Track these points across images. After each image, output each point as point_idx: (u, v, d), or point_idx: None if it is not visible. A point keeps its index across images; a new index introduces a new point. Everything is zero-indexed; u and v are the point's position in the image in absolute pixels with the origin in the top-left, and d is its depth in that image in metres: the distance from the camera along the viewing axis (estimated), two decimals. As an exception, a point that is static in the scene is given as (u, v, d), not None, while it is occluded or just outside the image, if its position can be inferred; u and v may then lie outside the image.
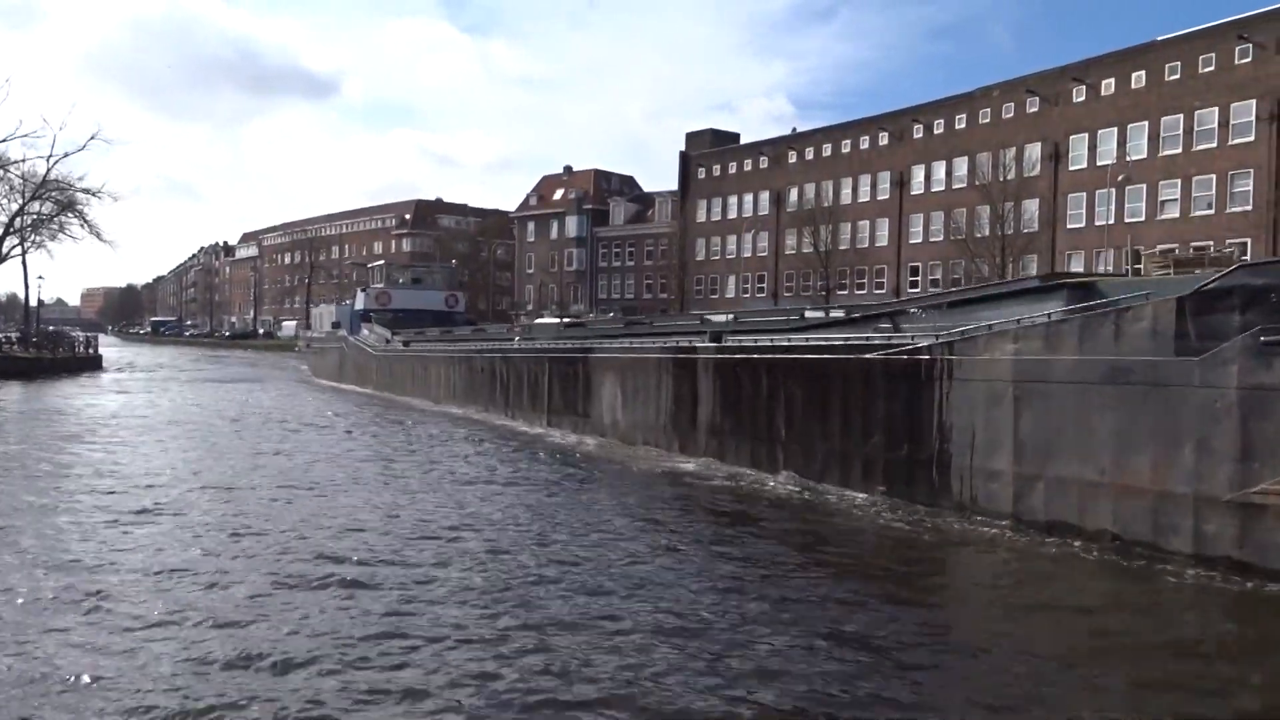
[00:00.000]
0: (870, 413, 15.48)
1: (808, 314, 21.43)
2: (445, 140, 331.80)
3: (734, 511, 14.95)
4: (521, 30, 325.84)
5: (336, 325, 52.28)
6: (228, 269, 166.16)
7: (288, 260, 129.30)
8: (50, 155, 56.85)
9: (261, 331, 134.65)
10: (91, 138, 68.41)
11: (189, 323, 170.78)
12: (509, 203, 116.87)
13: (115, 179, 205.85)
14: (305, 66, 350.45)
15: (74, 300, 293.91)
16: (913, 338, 15.07)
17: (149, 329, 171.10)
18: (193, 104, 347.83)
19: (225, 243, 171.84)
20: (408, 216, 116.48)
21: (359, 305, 51.00)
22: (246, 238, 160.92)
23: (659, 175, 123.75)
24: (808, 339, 17.75)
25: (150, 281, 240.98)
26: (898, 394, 14.91)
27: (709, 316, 24.61)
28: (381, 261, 54.46)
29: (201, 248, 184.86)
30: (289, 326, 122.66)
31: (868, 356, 15.53)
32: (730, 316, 23.49)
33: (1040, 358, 12.78)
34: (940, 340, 14.37)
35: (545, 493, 16.54)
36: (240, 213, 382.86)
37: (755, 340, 19.06)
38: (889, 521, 13.97)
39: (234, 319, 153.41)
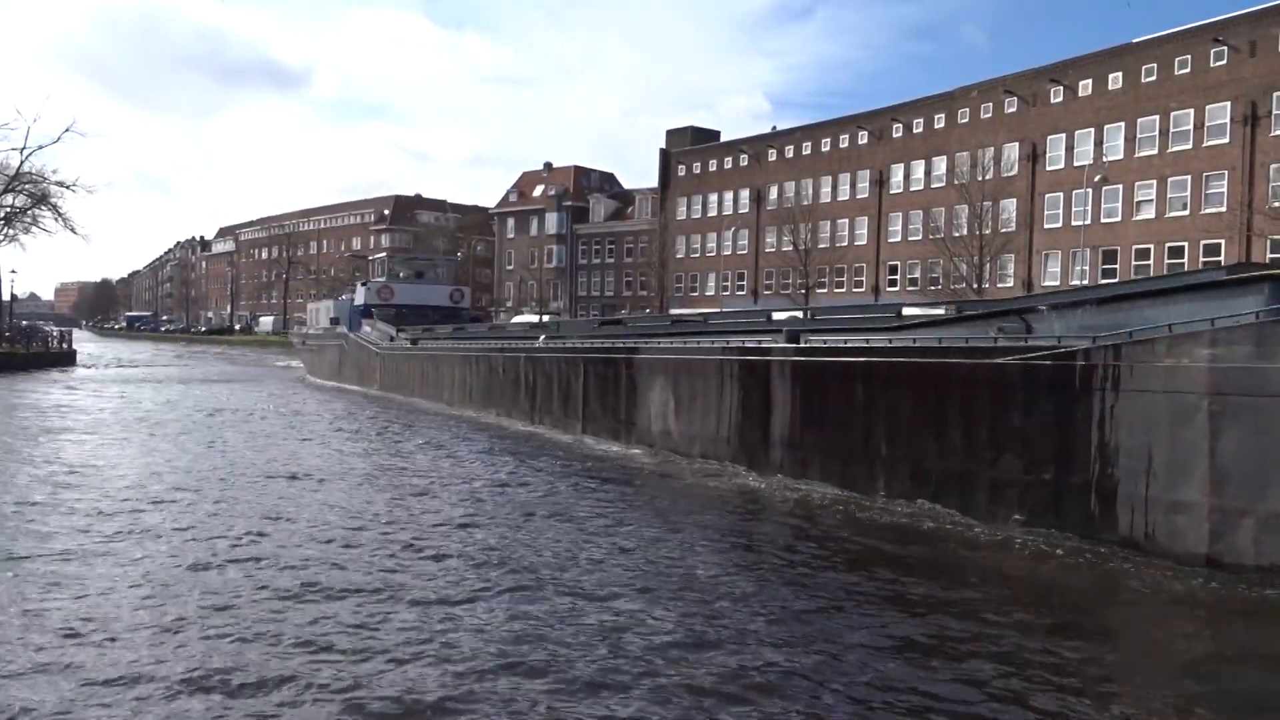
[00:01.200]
0: (1001, 427, 13.11)
1: (906, 310, 18.90)
2: (418, 135, 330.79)
3: (841, 542, 12.43)
4: (498, 25, 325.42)
5: (335, 321, 49.41)
6: (204, 264, 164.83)
7: (265, 255, 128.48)
8: (24, 148, 56.18)
9: (238, 327, 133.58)
10: (66, 130, 67.19)
11: (165, 318, 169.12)
12: (485, 198, 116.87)
13: (87, 172, 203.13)
14: (275, 58, 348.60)
15: (48, 295, 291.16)
16: (1058, 339, 12.77)
17: (124, 324, 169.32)
18: (160, 96, 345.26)
19: (201, 238, 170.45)
20: (386, 212, 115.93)
21: (359, 300, 48.19)
22: (223, 233, 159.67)
23: (639, 172, 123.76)
24: (914, 339, 15.16)
25: (125, 276, 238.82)
26: (1039, 405, 12.61)
27: (776, 314, 21.46)
28: (384, 254, 51.12)
29: (178, 242, 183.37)
30: (266, 322, 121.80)
31: (998, 361, 13.14)
32: (803, 313, 20.15)
33: (1250, 365, 10.50)
34: (1099, 343, 12.01)
35: (609, 519, 13.82)
36: (212, 207, 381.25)
37: (844, 341, 16.46)
38: (1036, 557, 11.55)
39: (210, 314, 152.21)
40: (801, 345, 17.30)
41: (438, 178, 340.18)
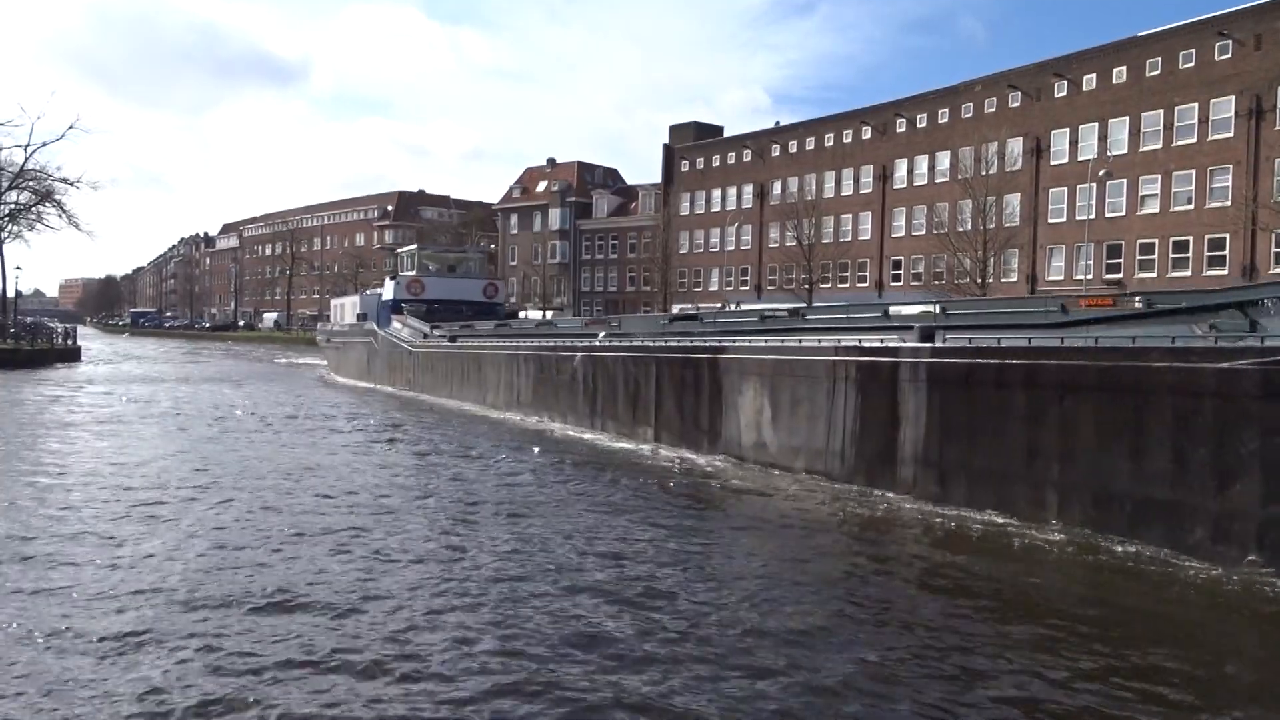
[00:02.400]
0: (1229, 447, 10.79)
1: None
2: (417, 130, 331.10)
3: (1036, 595, 10.03)
4: (495, 21, 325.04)
5: (363, 317, 47.03)
6: (208, 260, 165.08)
7: (268, 252, 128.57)
8: (28, 144, 56.37)
9: (242, 323, 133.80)
10: (70, 127, 67.10)
11: (169, 314, 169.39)
12: (485, 194, 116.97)
13: (86, 168, 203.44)
14: (271, 52, 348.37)
15: (52, 291, 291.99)
16: None
17: (128, 321, 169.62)
18: (155, 91, 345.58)
19: (205, 234, 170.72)
20: (390, 208, 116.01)
21: (388, 295, 45.52)
22: (227, 229, 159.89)
23: (642, 168, 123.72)
24: (1094, 338, 12.80)
25: (129, 273, 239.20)
26: None
27: (894, 309, 18.66)
28: (414, 246, 48.40)
29: (181, 238, 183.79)
30: (270, 318, 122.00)
31: (1223, 366, 10.87)
32: (936, 307, 17.23)
33: None
34: None
35: (722, 553, 11.83)
36: (212, 202, 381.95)
37: (998, 340, 14.10)
38: None
39: (214, 310, 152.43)
40: (939, 345, 14.83)
41: (437, 173, 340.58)
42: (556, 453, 20.93)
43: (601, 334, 26.47)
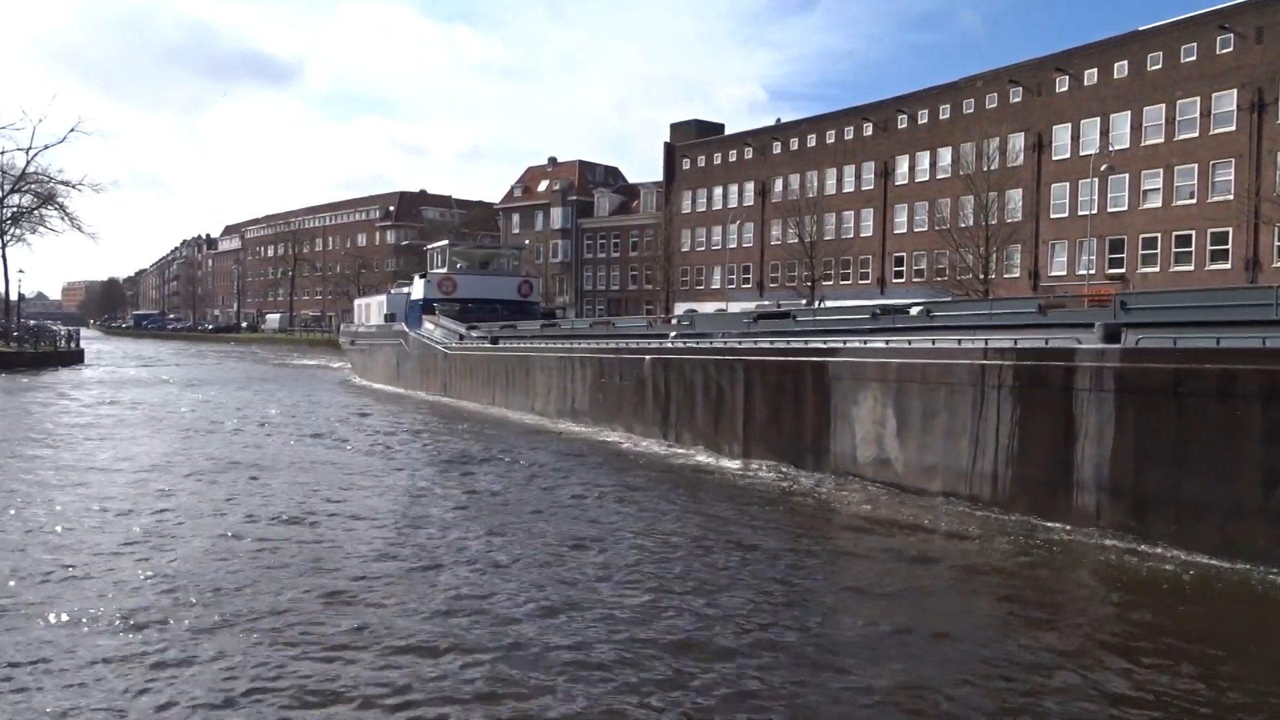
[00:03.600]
0: None
1: None
2: (414, 130, 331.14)
3: None
4: (490, 18, 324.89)
5: (391, 318, 44.84)
6: (210, 262, 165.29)
7: (270, 253, 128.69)
8: (29, 147, 56.47)
9: (244, 325, 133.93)
10: (72, 130, 67.18)
11: (172, 316, 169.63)
12: (483, 193, 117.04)
13: (86, 170, 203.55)
14: (265, 50, 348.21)
15: (55, 294, 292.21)
16: None
17: (131, 323, 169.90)
18: (150, 91, 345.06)
19: (207, 235, 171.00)
20: (391, 208, 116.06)
21: (417, 294, 43.20)
22: (229, 230, 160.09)
23: (643, 167, 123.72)
24: None
25: (132, 275, 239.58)
26: None
27: (1050, 297, 16.22)
28: (445, 242, 46.41)
29: (184, 240, 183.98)
30: (273, 319, 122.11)
31: None
32: (1116, 302, 14.16)
33: None
34: None
35: (877, 607, 9.59)
36: (212, 203, 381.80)
37: (1216, 340, 11.63)
38: None
39: (217, 312, 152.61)
40: (1131, 345, 12.45)
41: (434, 172, 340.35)
42: (636, 471, 18.17)
43: (672, 334, 24.04)
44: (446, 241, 46.88)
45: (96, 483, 15.99)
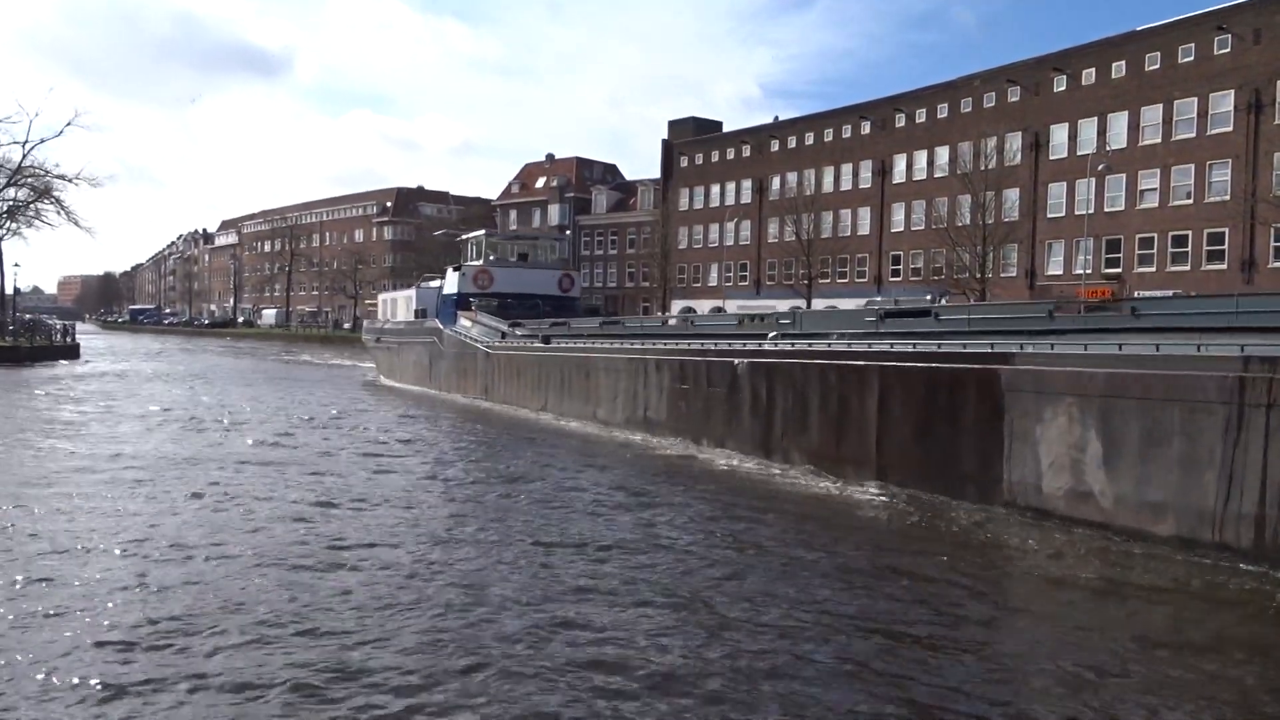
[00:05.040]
0: None
1: None
2: (404, 124, 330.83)
3: None
4: (483, 13, 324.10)
5: (422, 314, 42.14)
6: (207, 257, 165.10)
7: (267, 248, 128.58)
8: (26, 141, 56.40)
9: (241, 320, 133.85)
10: (68, 124, 67.63)
11: (168, 310, 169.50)
12: (476, 188, 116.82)
13: (78, 164, 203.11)
14: (254, 43, 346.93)
15: (51, 289, 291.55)
16: None
17: (127, 317, 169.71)
18: (137, 84, 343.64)
19: (204, 230, 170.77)
20: (389, 204, 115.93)
21: (451, 288, 40.16)
22: (226, 225, 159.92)
23: (641, 164, 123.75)
24: None
25: (128, 270, 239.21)
26: None
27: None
28: (482, 232, 42.97)
29: (181, 235, 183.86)
30: (269, 315, 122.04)
31: None
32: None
33: None
34: None
35: None
36: (205, 197, 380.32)
37: None
38: None
39: (213, 307, 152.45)
40: None
41: (425, 167, 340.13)
42: (742, 502, 15.12)
43: (771, 334, 21.10)
44: (483, 231, 43.43)
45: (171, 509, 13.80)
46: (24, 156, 55.48)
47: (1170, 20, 45.65)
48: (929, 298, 17.82)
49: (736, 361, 20.19)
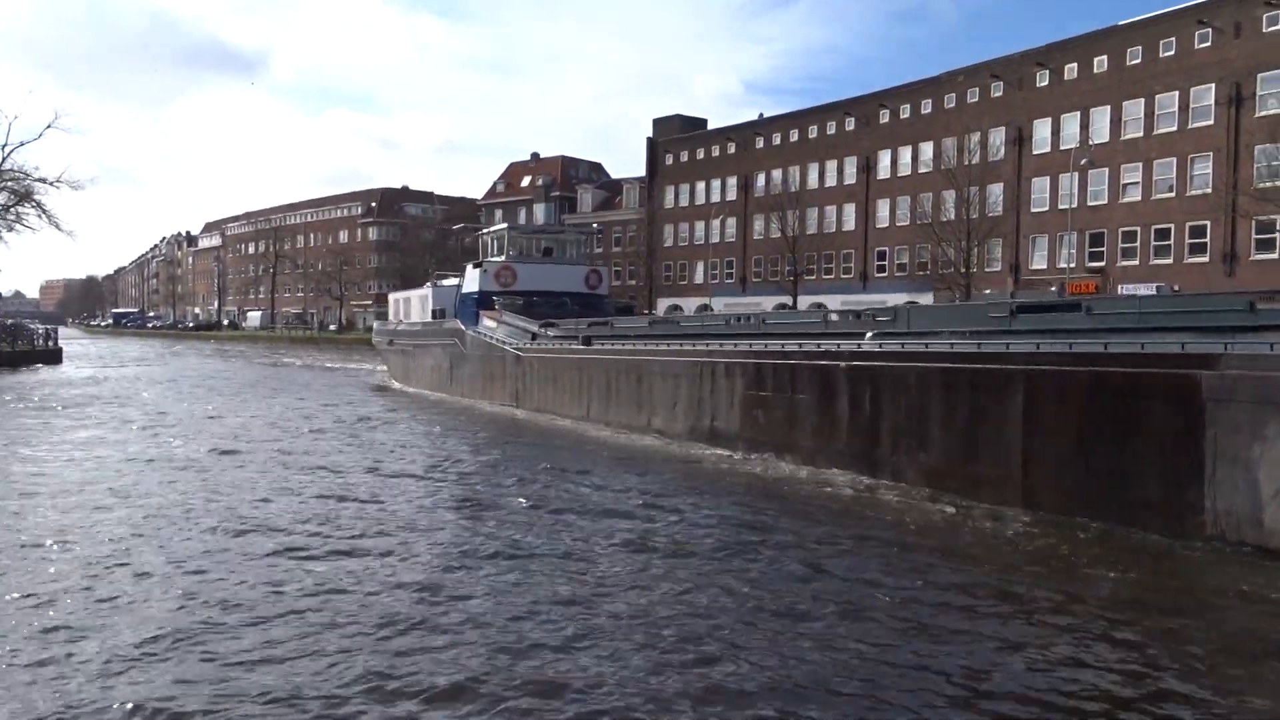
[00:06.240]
0: None
1: None
2: (385, 123, 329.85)
3: None
4: (468, 11, 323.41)
5: (440, 314, 39.87)
6: (190, 259, 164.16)
7: (251, 250, 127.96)
8: (5, 144, 55.85)
9: (226, 323, 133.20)
10: (49, 126, 66.84)
11: (152, 314, 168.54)
12: (460, 188, 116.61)
13: (57, 166, 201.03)
14: (229, 41, 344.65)
15: (33, 293, 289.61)
16: None
17: (111, 321, 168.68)
18: (112, 83, 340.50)
19: (187, 232, 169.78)
20: (373, 204, 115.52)
21: (471, 286, 37.90)
22: (209, 227, 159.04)
23: (626, 162, 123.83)
24: None
25: (111, 273, 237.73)
26: None
27: None
28: (504, 225, 41.13)
29: (164, 237, 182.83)
30: (254, 317, 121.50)
31: None
32: None
33: None
34: None
35: None
36: (184, 200, 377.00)
37: None
38: None
39: (197, 310, 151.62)
40: None
41: (409, 166, 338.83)
42: (858, 535, 12.52)
43: (868, 334, 18.60)
44: (506, 225, 41.26)
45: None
46: (3, 160, 55.04)
47: (1151, 15, 45.93)
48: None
49: (839, 364, 17.54)
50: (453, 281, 41.98)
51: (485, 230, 42.96)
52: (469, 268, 39.74)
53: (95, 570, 10.49)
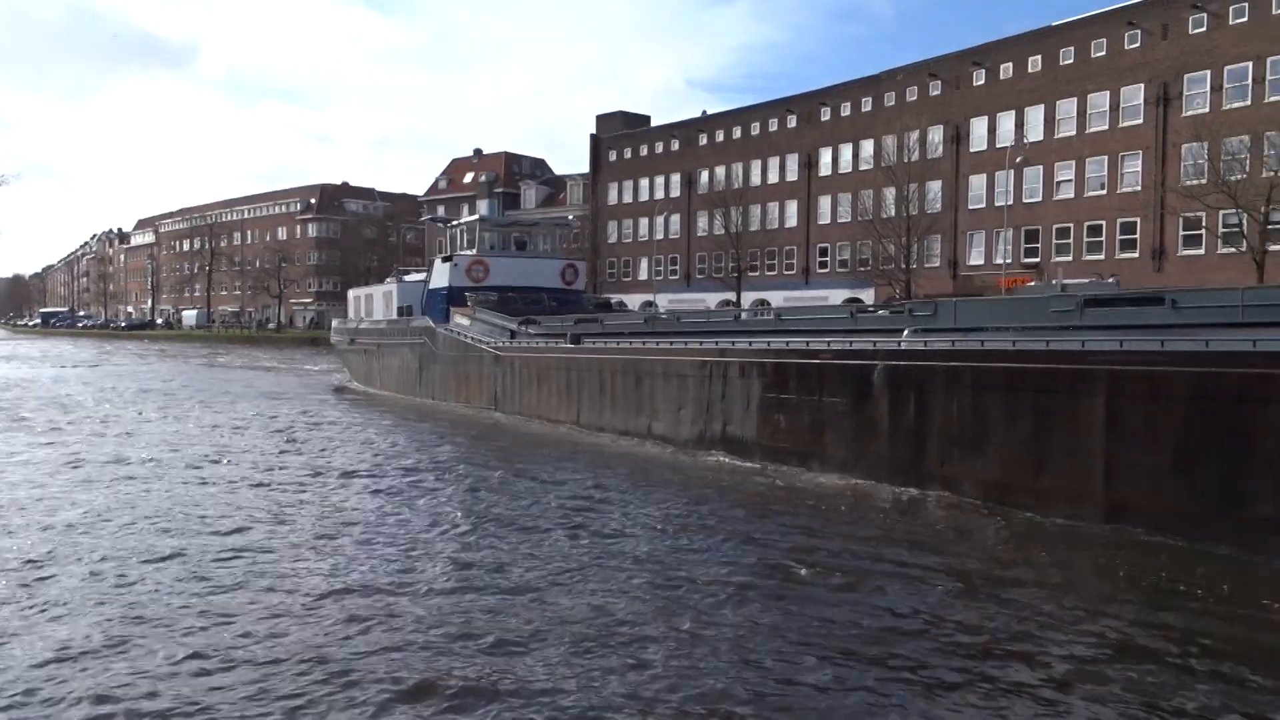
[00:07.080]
0: None
1: None
2: (319, 117, 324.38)
3: None
4: (400, 2, 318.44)
5: (406, 311, 37.86)
6: (122, 257, 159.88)
7: (186, 247, 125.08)
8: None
9: (160, 321, 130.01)
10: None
11: (82, 313, 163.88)
12: (401, 184, 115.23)
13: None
14: (154, 32, 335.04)
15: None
16: None
17: (39, 320, 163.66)
18: (31, 75, 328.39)
19: (119, 229, 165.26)
20: (313, 201, 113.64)
21: (440, 282, 36.02)
22: (142, 224, 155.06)
23: (569, 158, 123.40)
24: None
25: (39, 271, 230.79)
26: None
27: None
28: (475, 216, 39.20)
29: (95, 235, 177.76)
30: (190, 316, 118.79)
31: None
32: None
33: None
34: None
35: None
36: (113, 196, 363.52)
37: None
38: None
39: (130, 309, 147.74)
40: None
41: (344, 162, 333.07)
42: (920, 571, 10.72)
43: (906, 331, 16.99)
44: (477, 216, 39.20)
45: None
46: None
47: (1083, 16, 46.94)
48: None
49: (879, 364, 16.03)
50: (418, 277, 39.97)
51: (457, 222, 41.05)
52: (437, 261, 37.73)
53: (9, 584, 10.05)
